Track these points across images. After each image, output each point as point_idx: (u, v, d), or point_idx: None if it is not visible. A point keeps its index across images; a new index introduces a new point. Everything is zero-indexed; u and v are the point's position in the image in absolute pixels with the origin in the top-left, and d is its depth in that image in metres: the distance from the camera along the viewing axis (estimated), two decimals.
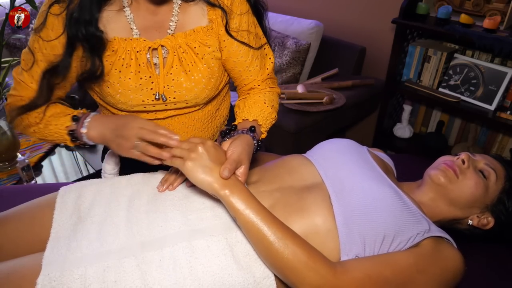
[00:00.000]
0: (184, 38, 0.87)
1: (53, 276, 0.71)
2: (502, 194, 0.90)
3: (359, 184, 0.84)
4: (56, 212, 0.84)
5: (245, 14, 0.90)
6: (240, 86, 1.03)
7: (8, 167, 1.58)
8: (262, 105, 0.95)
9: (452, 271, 0.77)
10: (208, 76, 0.90)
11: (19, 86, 0.87)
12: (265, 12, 0.97)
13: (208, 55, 0.89)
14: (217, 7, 0.87)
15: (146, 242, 0.76)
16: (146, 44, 0.85)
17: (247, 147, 0.82)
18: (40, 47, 0.83)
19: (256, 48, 0.94)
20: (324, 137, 1.11)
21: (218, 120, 1.08)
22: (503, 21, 1.70)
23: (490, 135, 2.01)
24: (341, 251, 0.77)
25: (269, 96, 0.98)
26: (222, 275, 0.73)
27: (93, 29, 0.80)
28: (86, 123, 0.85)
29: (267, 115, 0.95)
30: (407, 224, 0.78)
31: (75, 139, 0.87)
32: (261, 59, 0.98)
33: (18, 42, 2.48)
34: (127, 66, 0.85)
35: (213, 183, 0.74)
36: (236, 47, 0.92)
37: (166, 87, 0.88)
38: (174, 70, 0.88)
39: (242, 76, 0.98)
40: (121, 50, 0.85)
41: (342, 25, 2.35)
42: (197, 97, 0.92)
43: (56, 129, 0.87)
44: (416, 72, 2.00)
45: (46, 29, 0.81)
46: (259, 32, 0.96)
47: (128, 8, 0.85)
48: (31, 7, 1.51)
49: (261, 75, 0.99)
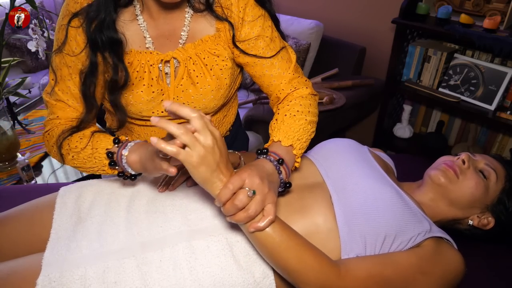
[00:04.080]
0: (193, 48, 0.86)
1: (53, 276, 0.71)
2: (502, 194, 0.90)
3: (360, 183, 0.84)
4: (56, 213, 0.84)
5: (259, 18, 0.87)
6: (268, 94, 0.96)
7: (8, 167, 1.58)
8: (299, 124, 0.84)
9: (453, 271, 0.77)
10: (217, 87, 0.89)
11: (55, 107, 0.84)
12: None
13: (217, 65, 0.87)
14: (224, 20, 0.85)
15: (146, 242, 0.76)
16: (159, 57, 0.84)
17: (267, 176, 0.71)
18: (66, 62, 0.81)
19: (270, 57, 0.89)
20: (324, 137, 1.11)
21: (225, 126, 1.07)
22: (503, 21, 1.70)
23: (490, 135, 2.01)
24: (342, 251, 0.77)
25: (304, 108, 0.87)
26: (222, 275, 0.73)
27: (111, 32, 0.78)
28: (129, 146, 0.79)
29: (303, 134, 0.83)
30: (408, 224, 0.78)
31: (114, 163, 0.80)
32: (282, 62, 0.90)
33: (18, 42, 2.48)
34: (140, 79, 0.84)
35: (217, 185, 0.67)
36: (251, 52, 0.89)
37: (176, 99, 0.88)
38: (183, 82, 0.87)
39: (265, 82, 0.92)
40: (136, 63, 0.84)
41: (342, 25, 2.35)
42: (206, 107, 0.91)
43: (95, 154, 0.81)
44: (416, 72, 2.00)
45: (69, 43, 0.80)
46: (276, 35, 0.90)
47: (141, 16, 0.83)
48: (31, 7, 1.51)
49: (284, 78, 0.91)
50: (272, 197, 0.69)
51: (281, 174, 0.75)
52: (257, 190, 0.67)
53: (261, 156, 0.76)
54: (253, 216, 0.67)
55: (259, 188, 0.67)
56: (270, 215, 0.68)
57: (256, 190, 0.66)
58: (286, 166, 0.77)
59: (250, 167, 0.70)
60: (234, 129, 1.13)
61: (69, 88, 0.82)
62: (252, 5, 0.86)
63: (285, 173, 0.76)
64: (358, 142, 1.01)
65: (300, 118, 0.84)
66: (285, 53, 0.91)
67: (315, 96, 0.93)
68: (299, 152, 0.81)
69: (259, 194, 0.67)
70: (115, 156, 0.80)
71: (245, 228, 0.71)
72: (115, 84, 0.82)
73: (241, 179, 0.66)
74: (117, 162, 0.80)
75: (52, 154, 0.88)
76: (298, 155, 0.81)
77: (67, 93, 0.83)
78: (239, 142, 1.19)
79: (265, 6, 0.88)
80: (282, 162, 0.75)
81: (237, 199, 0.65)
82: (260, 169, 0.71)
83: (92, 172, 0.85)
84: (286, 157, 0.78)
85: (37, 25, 1.53)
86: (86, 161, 0.83)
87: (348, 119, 2.22)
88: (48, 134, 0.86)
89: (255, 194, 0.66)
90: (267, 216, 0.68)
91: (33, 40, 1.54)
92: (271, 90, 0.93)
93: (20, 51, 2.51)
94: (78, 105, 0.85)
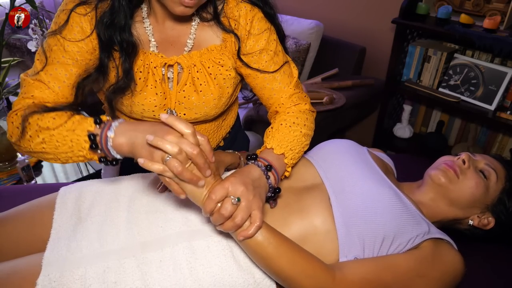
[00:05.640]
0: (199, 57, 0.85)
1: (53, 276, 0.71)
2: (503, 194, 0.90)
3: (359, 185, 0.83)
4: (56, 213, 0.84)
5: (265, 32, 0.86)
6: (267, 107, 0.96)
7: (8, 167, 1.58)
8: (293, 134, 0.85)
9: (452, 273, 0.77)
10: (219, 96, 0.89)
11: (32, 86, 0.76)
12: (285, 37, 0.93)
13: (221, 75, 0.87)
14: (230, 33, 0.84)
15: (147, 242, 0.76)
16: (163, 60, 0.83)
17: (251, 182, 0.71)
18: (64, 45, 0.76)
19: (272, 72, 0.89)
20: (324, 137, 1.11)
21: (224, 129, 1.07)
22: (503, 21, 1.70)
23: (490, 135, 2.01)
24: (340, 252, 0.77)
25: (301, 121, 0.88)
26: (222, 275, 0.73)
27: (127, 35, 0.76)
28: (114, 126, 0.70)
29: (297, 145, 0.84)
30: (407, 225, 0.78)
31: (95, 146, 0.70)
32: (284, 76, 0.91)
33: (18, 42, 2.48)
34: (144, 80, 0.84)
35: (201, 195, 0.69)
36: (254, 65, 0.88)
37: (177, 103, 0.88)
38: (186, 88, 0.86)
39: (265, 95, 0.92)
40: (139, 63, 0.83)
41: (342, 25, 2.35)
42: (207, 114, 0.91)
43: (72, 136, 0.71)
44: (416, 72, 2.00)
45: (70, 28, 0.76)
46: (280, 49, 0.90)
47: (147, 20, 0.83)
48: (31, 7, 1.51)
49: (285, 93, 0.91)
50: (257, 203, 0.69)
51: (269, 179, 0.75)
52: (241, 197, 0.67)
53: (250, 162, 0.77)
54: (240, 224, 0.68)
55: (243, 195, 0.67)
56: (256, 222, 0.68)
57: (240, 197, 0.67)
58: (275, 172, 0.77)
59: (234, 175, 0.71)
60: (233, 130, 1.14)
61: (56, 70, 0.76)
62: (259, 18, 0.86)
63: (273, 179, 0.76)
64: (357, 143, 1.01)
65: (296, 130, 0.85)
66: (288, 68, 0.92)
67: (313, 112, 0.94)
68: (290, 162, 0.82)
69: (244, 201, 0.67)
70: (98, 138, 0.70)
71: (235, 236, 0.71)
72: (120, 86, 0.81)
73: (224, 188, 0.67)
74: (99, 145, 0.70)
75: (14, 138, 0.75)
76: (289, 164, 0.82)
77: (51, 75, 0.76)
78: (239, 143, 1.19)
79: (274, 21, 0.88)
80: (270, 168, 0.76)
81: (223, 208, 0.66)
82: (245, 175, 0.72)
83: (64, 159, 0.74)
84: (276, 164, 0.78)
85: (37, 25, 1.53)
86: (60, 145, 0.72)
87: (348, 119, 2.22)
88: (16, 114, 0.75)
89: (240, 201, 0.67)
90: (254, 223, 0.68)
91: (33, 40, 1.54)
92: (271, 103, 0.93)
93: (20, 51, 2.51)
94: (59, 90, 0.77)
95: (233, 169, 0.97)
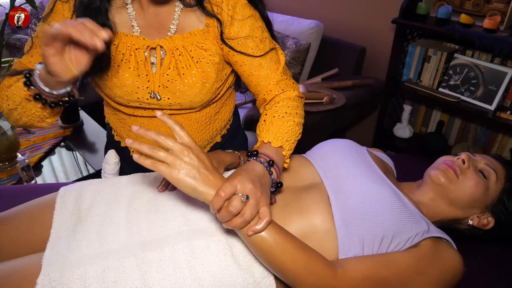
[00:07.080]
0: (181, 40, 0.87)
1: (53, 276, 0.71)
2: (502, 194, 0.90)
3: (358, 184, 0.84)
4: (56, 212, 0.84)
5: (249, 18, 0.88)
6: (255, 94, 0.97)
7: (8, 167, 1.58)
8: (287, 125, 0.85)
9: (451, 272, 0.77)
10: (202, 81, 0.89)
11: (15, 65, 0.87)
12: None
13: (204, 59, 0.88)
14: (213, 17, 0.86)
15: (146, 242, 0.76)
16: (145, 42, 0.86)
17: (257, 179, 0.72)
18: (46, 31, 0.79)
19: (258, 56, 0.90)
20: (324, 137, 1.11)
21: (218, 123, 1.07)
22: (503, 21, 1.70)
23: (490, 135, 2.01)
24: (340, 252, 0.77)
25: (292, 109, 0.88)
26: (222, 275, 0.73)
27: (103, 18, 0.81)
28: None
29: (292, 135, 0.85)
30: (406, 224, 0.78)
31: (30, 83, 0.76)
32: (270, 63, 0.92)
33: (18, 42, 2.48)
34: (126, 62, 0.86)
35: (206, 195, 0.68)
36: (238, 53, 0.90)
37: (162, 87, 0.89)
38: (170, 72, 0.88)
39: (253, 82, 0.93)
40: (121, 45, 0.86)
41: (342, 25, 2.35)
42: (191, 101, 0.92)
43: (18, 83, 0.80)
44: (416, 72, 2.00)
45: (54, 15, 0.83)
46: (266, 36, 0.91)
47: (130, 5, 0.86)
48: (31, 7, 1.51)
49: (272, 79, 0.92)
50: (265, 199, 0.70)
51: (272, 174, 0.76)
52: (250, 195, 0.67)
53: (252, 158, 0.77)
54: (249, 221, 0.68)
55: (251, 192, 0.68)
56: (266, 217, 0.69)
57: (249, 195, 0.67)
58: (277, 167, 0.78)
59: (240, 172, 0.71)
60: (233, 129, 1.13)
61: (38, 53, 0.85)
62: (243, 4, 0.87)
63: (276, 174, 0.77)
64: (356, 143, 1.01)
65: (289, 120, 0.86)
66: (274, 54, 0.93)
67: (301, 98, 0.95)
68: (288, 153, 0.83)
69: (253, 198, 0.68)
70: (32, 75, 0.76)
71: (241, 232, 0.71)
72: (96, 64, 0.81)
73: (233, 185, 0.67)
74: (32, 83, 0.76)
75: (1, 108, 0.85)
76: (287, 156, 0.83)
77: (32, 56, 0.86)
78: (238, 142, 1.19)
79: (257, 7, 0.90)
80: (272, 164, 0.77)
81: (231, 205, 0.66)
82: (251, 172, 0.72)
83: (21, 111, 0.81)
84: (276, 158, 0.79)
85: (37, 25, 1.53)
86: (15, 95, 0.80)
87: (348, 119, 2.22)
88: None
89: (249, 199, 0.67)
90: (263, 218, 0.69)
91: None
92: (259, 90, 0.94)
93: (20, 51, 2.51)
94: None
95: (233, 168, 0.97)
